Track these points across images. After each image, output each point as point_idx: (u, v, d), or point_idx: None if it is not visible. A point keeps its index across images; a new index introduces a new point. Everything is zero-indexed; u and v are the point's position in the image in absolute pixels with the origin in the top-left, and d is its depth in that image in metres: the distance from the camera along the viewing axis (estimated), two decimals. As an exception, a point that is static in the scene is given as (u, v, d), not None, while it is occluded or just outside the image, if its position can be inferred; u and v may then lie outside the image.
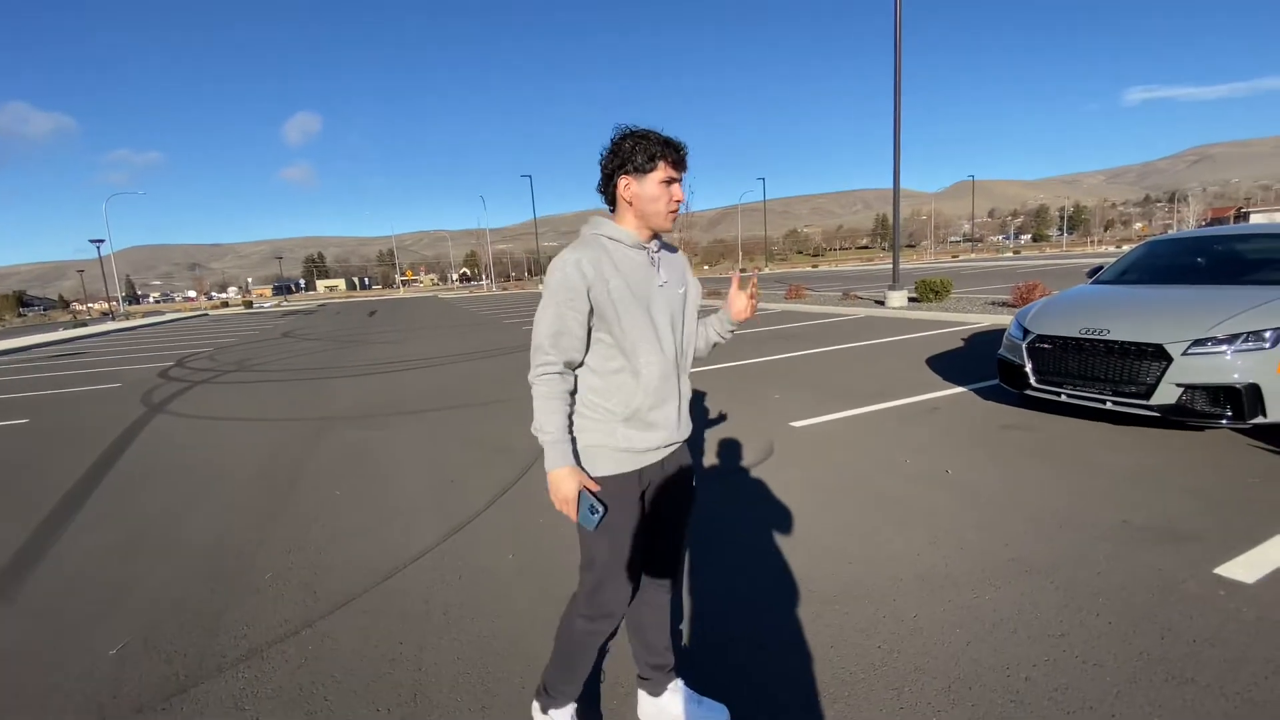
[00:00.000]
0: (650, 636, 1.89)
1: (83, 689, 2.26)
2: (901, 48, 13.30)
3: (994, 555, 2.81)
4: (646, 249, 1.66)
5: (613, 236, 1.63)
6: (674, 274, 1.73)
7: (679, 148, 1.61)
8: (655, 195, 1.60)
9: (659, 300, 1.66)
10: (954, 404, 5.49)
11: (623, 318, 1.59)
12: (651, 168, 1.58)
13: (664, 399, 1.67)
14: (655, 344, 1.64)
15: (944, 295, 13.64)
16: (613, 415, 1.64)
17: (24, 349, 20.37)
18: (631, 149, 1.58)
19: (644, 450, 1.67)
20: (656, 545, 1.82)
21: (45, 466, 5.41)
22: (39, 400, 9.35)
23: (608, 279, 1.57)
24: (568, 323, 1.58)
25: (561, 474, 1.60)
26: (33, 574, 3.26)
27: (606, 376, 1.64)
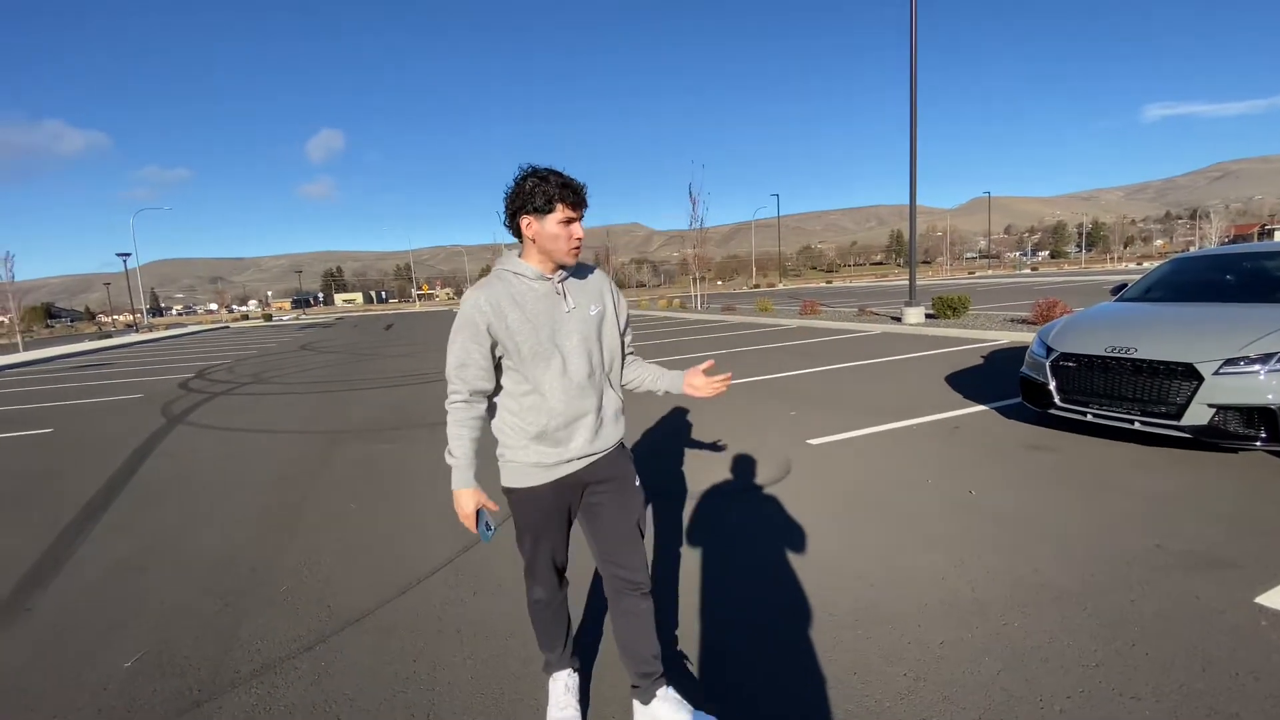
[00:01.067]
0: (635, 646, 1.93)
1: (97, 702, 2.25)
2: (917, 63, 13.31)
3: (1022, 580, 2.73)
4: (550, 280, 1.77)
5: (516, 271, 1.76)
6: (584, 298, 1.82)
7: (577, 189, 1.70)
8: (555, 234, 1.70)
9: (566, 326, 1.77)
10: (975, 422, 5.39)
11: (522, 347, 1.72)
12: (550, 209, 1.68)
13: (573, 418, 1.78)
14: (560, 368, 1.75)
15: (962, 312, 13.50)
16: (525, 433, 1.78)
17: (51, 359, 20.81)
18: (531, 190, 1.67)
19: (554, 464, 1.80)
20: (611, 549, 1.90)
21: (67, 476, 5.47)
22: (63, 410, 9.50)
23: (506, 313, 1.71)
24: (471, 355, 1.74)
25: (463, 494, 1.79)
26: (52, 584, 3.27)
27: (519, 399, 1.79)
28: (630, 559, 1.90)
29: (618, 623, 1.96)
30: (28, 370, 17.53)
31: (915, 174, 13.79)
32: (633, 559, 1.91)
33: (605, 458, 1.89)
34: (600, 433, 1.84)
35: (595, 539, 1.93)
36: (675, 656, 2.34)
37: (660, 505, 3.87)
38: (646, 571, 1.94)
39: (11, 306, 29.58)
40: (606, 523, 1.90)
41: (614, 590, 1.93)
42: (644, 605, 1.92)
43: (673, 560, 3.14)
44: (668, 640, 2.45)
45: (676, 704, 1.92)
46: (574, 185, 1.69)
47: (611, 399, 1.89)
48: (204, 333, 38.10)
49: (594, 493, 1.89)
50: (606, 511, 1.90)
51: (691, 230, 25.98)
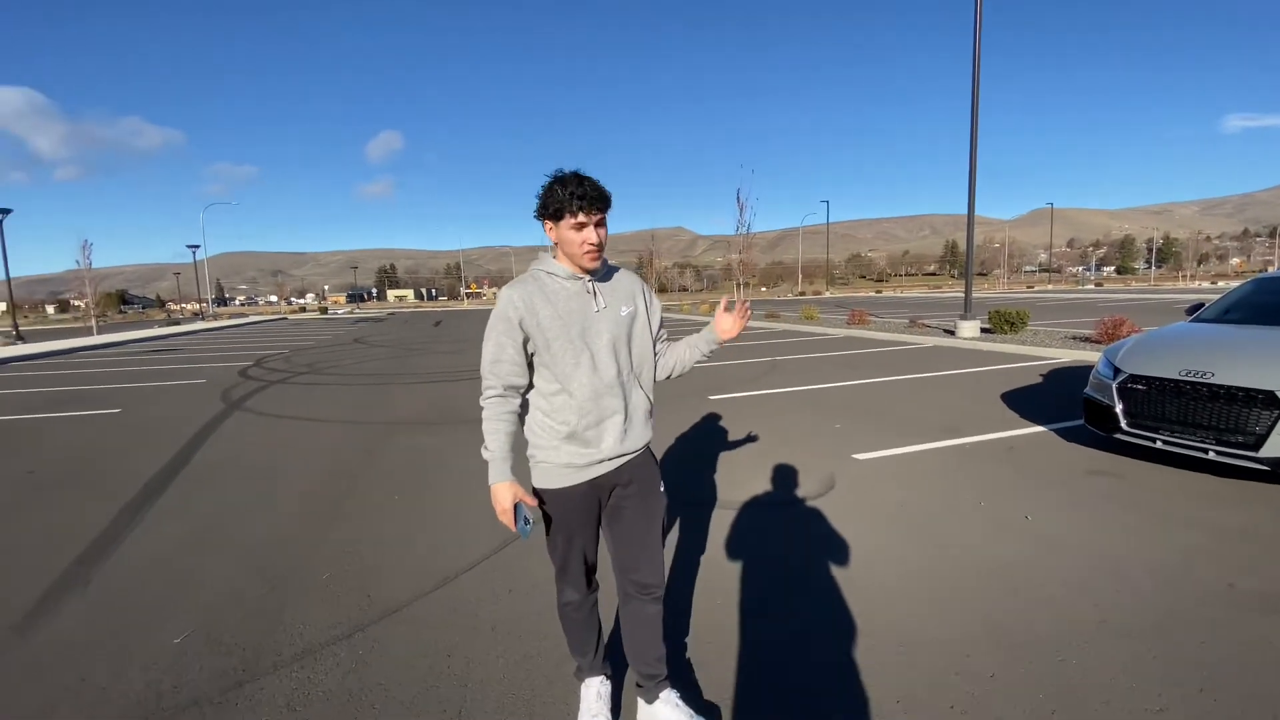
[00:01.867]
0: (642, 648, 1.96)
1: (145, 676, 2.34)
2: (980, 66, 12.87)
3: (1081, 614, 2.56)
4: (581, 279, 1.80)
5: (550, 271, 1.80)
6: (615, 298, 1.85)
7: (586, 195, 1.69)
8: (569, 239, 1.73)
9: (597, 325, 1.79)
10: (1033, 444, 5.14)
11: (552, 344, 1.75)
12: (561, 216, 1.71)
13: (601, 417, 1.79)
14: (589, 366, 1.77)
15: (1020, 327, 12.96)
16: (556, 433, 1.80)
17: (123, 343, 22.09)
18: (546, 198, 1.72)
19: (585, 465, 1.80)
20: (631, 554, 1.91)
21: (131, 456, 5.76)
22: (132, 392, 10.05)
23: (538, 309, 1.75)
24: (505, 350, 1.77)
25: (500, 488, 1.77)
26: (110, 558, 3.44)
27: (550, 398, 1.80)
28: (648, 564, 1.92)
29: (626, 624, 1.99)
30: (101, 352, 18.64)
31: (974, 180, 13.32)
32: (650, 564, 1.92)
33: (633, 461, 1.89)
34: (629, 434, 1.84)
35: (615, 542, 1.94)
36: (685, 663, 2.29)
37: (696, 513, 3.81)
38: (662, 576, 1.95)
39: (88, 292, 31.52)
40: (628, 527, 1.91)
41: (626, 593, 1.96)
42: (654, 609, 1.94)
43: (697, 567, 3.08)
44: (676, 647, 2.40)
45: (677, 708, 1.94)
46: (583, 193, 1.68)
47: (640, 400, 1.89)
48: (264, 323, 39.84)
49: (620, 496, 1.90)
50: (629, 515, 1.90)
51: (738, 235, 25.77)
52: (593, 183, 1.71)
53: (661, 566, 1.96)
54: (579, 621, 2.00)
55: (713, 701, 2.12)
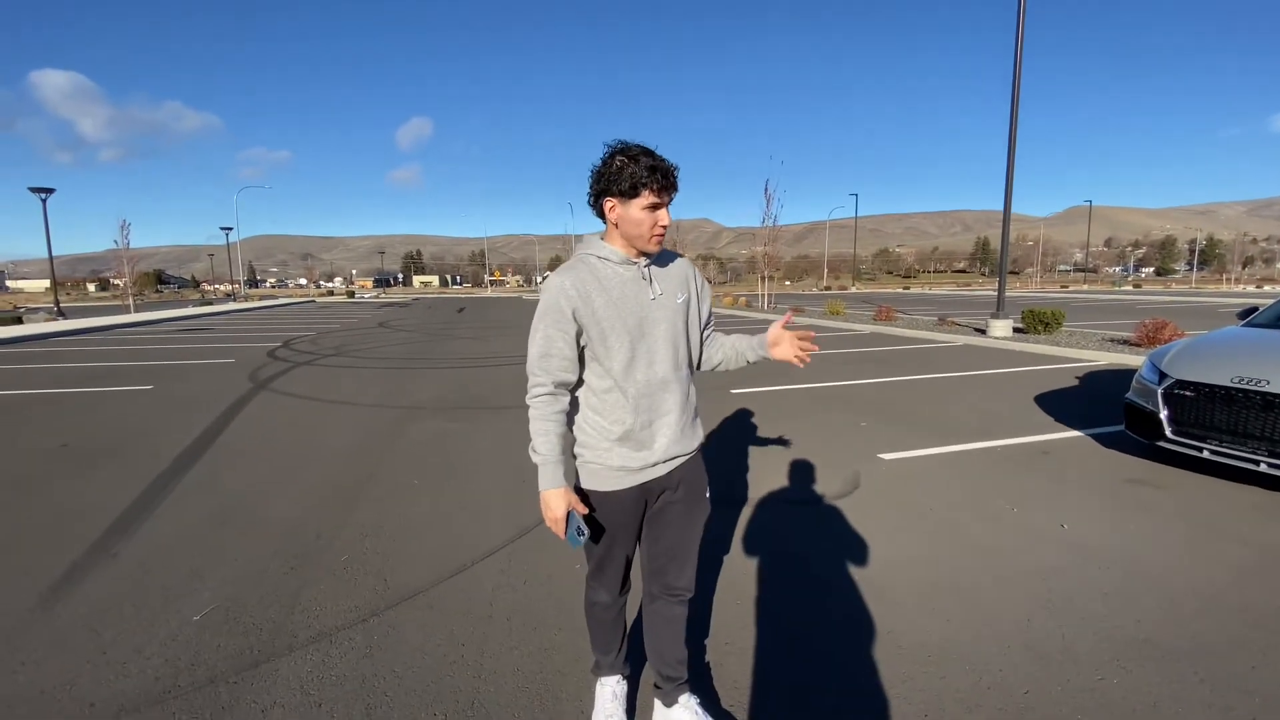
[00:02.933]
0: (663, 648, 1.89)
1: (165, 652, 2.35)
2: (1022, 60, 12.44)
3: (1122, 631, 2.44)
4: (636, 264, 1.66)
5: (601, 255, 1.65)
6: (670, 284, 1.71)
7: (667, 172, 1.56)
8: (639, 220, 1.58)
9: (654, 314, 1.66)
10: (1068, 449, 4.96)
11: (609, 335, 1.61)
12: (636, 193, 1.55)
13: (657, 415, 1.69)
14: (645, 359, 1.66)
15: (1055, 328, 12.58)
16: (608, 434, 1.67)
17: (158, 321, 22.65)
18: (618, 172, 1.55)
19: (640, 468, 1.69)
20: (667, 558, 1.82)
21: (160, 432, 5.87)
22: (164, 369, 10.27)
23: (592, 298, 1.60)
24: (555, 344, 1.62)
25: (552, 495, 1.64)
26: (137, 532, 3.48)
27: (601, 395, 1.67)
28: (682, 570, 1.84)
29: (650, 624, 1.91)
30: (137, 330, 19.13)
31: (1012, 174, 12.92)
32: (684, 570, 1.85)
33: (685, 464, 1.79)
34: (684, 434, 1.74)
35: (652, 545, 1.84)
36: (704, 666, 2.23)
37: (717, 510, 3.74)
38: (693, 581, 1.88)
39: (126, 271, 32.36)
40: (670, 532, 1.81)
41: (652, 594, 1.89)
42: (680, 611, 1.88)
43: (719, 566, 3.01)
44: (696, 649, 2.33)
45: (695, 714, 1.88)
46: (664, 168, 1.55)
47: (693, 396, 1.81)
48: (293, 305, 40.58)
49: (667, 500, 1.79)
50: (673, 521, 1.80)
51: (764, 228, 25.43)
52: (665, 160, 1.57)
53: (694, 572, 1.88)
54: (606, 621, 1.93)
55: (730, 711, 2.05)
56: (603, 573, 1.85)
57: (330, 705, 2.06)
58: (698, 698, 1.94)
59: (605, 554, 1.81)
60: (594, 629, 1.97)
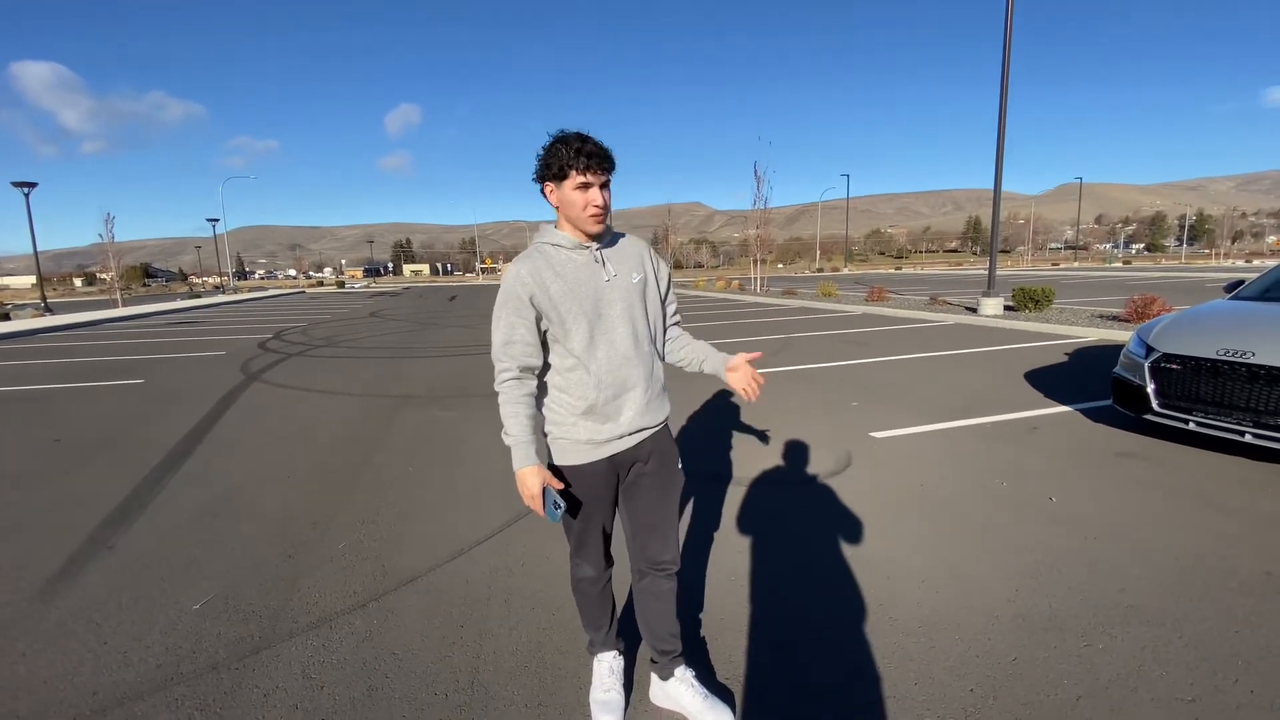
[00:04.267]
0: (655, 624, 1.95)
1: (165, 641, 2.37)
2: (1011, 38, 12.38)
3: (1107, 599, 2.49)
4: (588, 249, 1.72)
5: (554, 243, 1.72)
6: (624, 265, 1.77)
7: (593, 153, 1.61)
8: (573, 200, 1.65)
9: (609, 295, 1.72)
10: (1057, 424, 5.02)
11: (566, 318, 1.68)
12: (565, 175, 1.63)
13: (621, 390, 1.74)
14: (606, 338, 1.71)
15: (1045, 305, 12.66)
16: (574, 409, 1.74)
17: (147, 315, 22.44)
18: (548, 157, 1.64)
19: (606, 440, 1.76)
20: (647, 530, 1.89)
21: (154, 426, 5.85)
22: (155, 363, 10.20)
23: (548, 284, 1.67)
24: (516, 331, 1.70)
25: (527, 473, 1.69)
26: (134, 524, 3.49)
27: (565, 374, 1.75)
28: (664, 541, 1.90)
29: (641, 600, 1.97)
30: (126, 324, 18.95)
31: (1002, 152, 12.90)
32: (666, 541, 1.90)
33: (653, 436, 1.85)
34: (649, 407, 1.80)
35: (631, 519, 1.91)
36: (699, 641, 2.27)
37: (707, 489, 3.78)
38: (677, 553, 1.93)
39: (112, 265, 31.97)
40: (646, 504, 1.87)
41: (640, 569, 1.94)
42: (669, 585, 1.93)
43: (710, 543, 3.05)
44: (690, 624, 2.37)
45: (692, 686, 1.93)
46: (589, 150, 1.60)
47: (658, 371, 1.85)
48: (283, 297, 40.23)
49: (638, 473, 1.86)
50: (647, 493, 1.87)
51: (755, 210, 25.35)
52: (596, 141, 1.63)
53: (677, 543, 1.93)
54: (593, 597, 1.97)
55: (725, 684, 2.09)
56: (584, 548, 1.90)
57: (332, 688, 2.09)
58: (693, 670, 1.98)
59: (584, 528, 1.86)
60: (583, 606, 2.01)
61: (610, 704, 1.92)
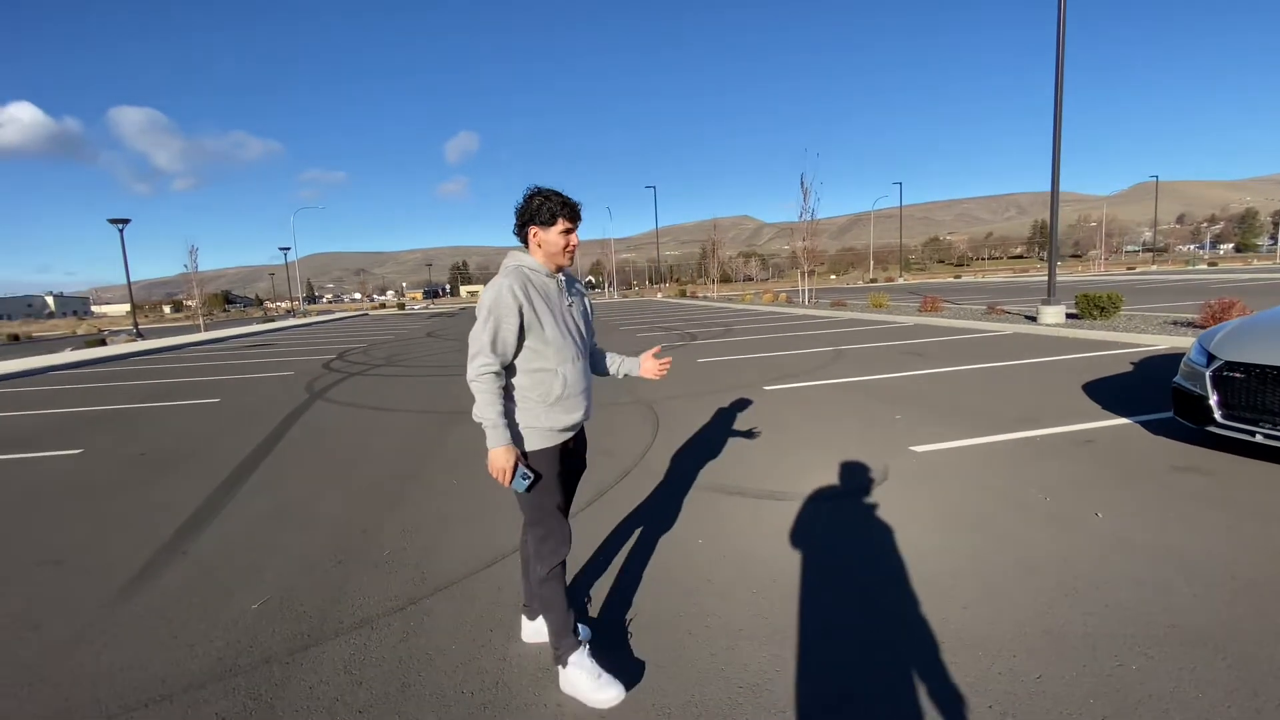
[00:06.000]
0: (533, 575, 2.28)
1: (226, 636, 2.60)
2: (1065, 28, 11.95)
3: (1148, 618, 2.40)
4: (555, 278, 2.17)
5: (531, 268, 2.12)
6: (574, 293, 2.26)
7: (574, 207, 2.10)
8: (556, 241, 2.10)
9: (568, 315, 2.17)
10: (1114, 437, 4.79)
11: (546, 329, 2.06)
12: (553, 222, 2.07)
13: (578, 389, 2.17)
14: (572, 346, 2.14)
15: (1112, 312, 12.01)
16: (541, 403, 2.11)
17: (225, 339, 24.03)
18: (539, 206, 2.07)
19: (563, 429, 2.17)
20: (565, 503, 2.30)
21: (226, 441, 6.31)
22: (230, 383, 10.95)
23: (532, 300, 2.05)
24: (502, 332, 2.02)
25: (500, 451, 2.03)
26: (206, 530, 3.80)
27: (531, 374, 2.11)
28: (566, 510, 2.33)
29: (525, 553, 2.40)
30: (206, 348, 20.36)
31: (1059, 149, 12.41)
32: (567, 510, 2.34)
33: (582, 428, 2.33)
34: (590, 403, 2.25)
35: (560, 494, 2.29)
36: (721, 649, 2.30)
37: (737, 503, 3.80)
38: None
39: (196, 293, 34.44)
40: (570, 483, 2.37)
41: None
42: None
43: (740, 555, 3.08)
44: (708, 636, 2.41)
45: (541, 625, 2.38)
46: (572, 204, 2.09)
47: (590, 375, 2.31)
48: (348, 319, 42.29)
49: (572, 459, 2.33)
50: (573, 474, 2.37)
51: (802, 222, 25.10)
52: (571, 198, 2.11)
53: None
54: (562, 588, 2.18)
55: (742, 690, 2.12)
56: (553, 533, 2.18)
57: (370, 683, 2.25)
58: None
59: (547, 508, 2.17)
60: (556, 605, 2.16)
61: (611, 681, 2.09)
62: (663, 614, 2.62)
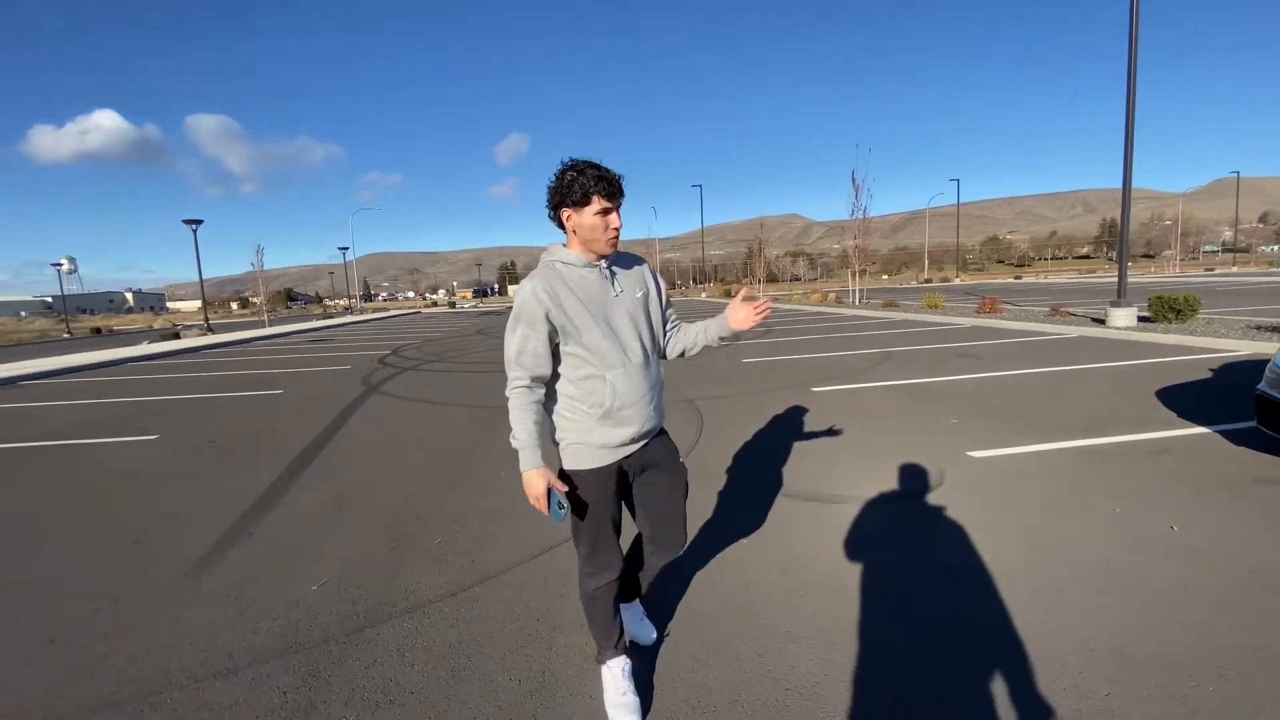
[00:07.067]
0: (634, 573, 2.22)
1: (288, 614, 2.72)
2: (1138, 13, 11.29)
3: (1227, 638, 2.25)
4: (597, 266, 1.85)
5: (565, 261, 1.84)
6: (630, 283, 1.91)
7: (612, 181, 1.75)
8: (593, 224, 1.77)
9: (618, 309, 1.85)
10: (1191, 446, 4.51)
11: (583, 331, 1.79)
12: (587, 201, 1.75)
13: (634, 399, 1.85)
14: (619, 350, 1.83)
15: (1188, 315, 11.30)
16: (589, 416, 1.85)
17: (288, 334, 25.19)
18: (569, 184, 1.75)
19: (618, 445, 1.88)
20: (660, 527, 2.06)
21: (288, 431, 6.60)
22: (292, 376, 11.46)
23: (562, 299, 1.79)
24: (530, 343, 1.81)
25: (534, 475, 1.82)
26: (269, 516, 3.99)
27: (578, 383, 1.85)
28: (675, 535, 2.08)
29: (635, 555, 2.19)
30: (270, 342, 21.38)
31: (1131, 140, 11.74)
32: (677, 532, 2.08)
33: (657, 439, 2.01)
34: (655, 411, 1.94)
35: (648, 514, 2.06)
36: (758, 649, 2.27)
37: (784, 505, 3.75)
38: (684, 543, 2.12)
39: (261, 290, 36.19)
40: (659, 503, 2.04)
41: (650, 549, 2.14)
42: (664, 563, 2.16)
43: (784, 559, 3.03)
44: (757, 639, 2.38)
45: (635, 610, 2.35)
46: (609, 177, 1.75)
47: (660, 376, 2.00)
48: (401, 317, 43.68)
49: (650, 474, 2.01)
50: (659, 492, 2.03)
51: (853, 220, 24.54)
52: (609, 169, 1.77)
53: (684, 533, 2.11)
54: (607, 605, 2.02)
55: (787, 693, 2.09)
56: (597, 554, 1.97)
57: (421, 666, 2.31)
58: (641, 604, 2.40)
59: (596, 531, 1.95)
60: (596, 617, 2.05)
61: (629, 706, 1.98)
62: (708, 613, 2.60)
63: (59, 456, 5.89)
